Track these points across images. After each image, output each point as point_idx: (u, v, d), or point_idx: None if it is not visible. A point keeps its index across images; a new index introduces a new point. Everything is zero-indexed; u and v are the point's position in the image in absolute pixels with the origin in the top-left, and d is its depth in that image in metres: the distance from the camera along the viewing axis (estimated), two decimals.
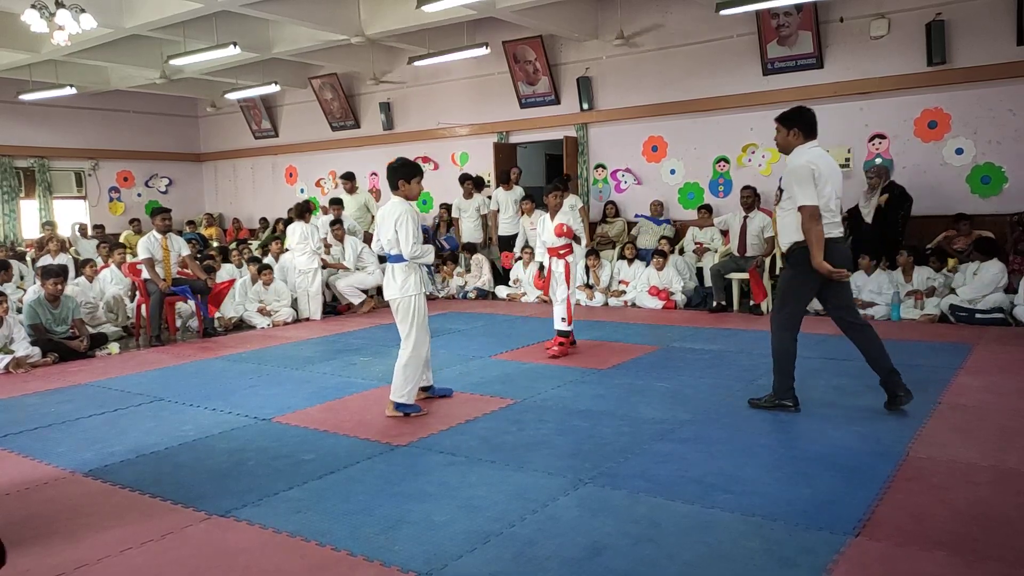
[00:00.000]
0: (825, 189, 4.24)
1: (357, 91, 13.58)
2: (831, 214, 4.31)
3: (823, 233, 4.25)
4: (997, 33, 8.29)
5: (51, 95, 12.07)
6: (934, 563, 2.70)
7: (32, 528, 3.24)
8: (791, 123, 4.38)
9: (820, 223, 4.22)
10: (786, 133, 4.40)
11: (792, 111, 4.43)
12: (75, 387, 5.90)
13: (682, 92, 10.23)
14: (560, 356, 6.38)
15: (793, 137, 4.37)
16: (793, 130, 4.37)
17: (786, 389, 4.56)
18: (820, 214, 4.22)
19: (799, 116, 4.38)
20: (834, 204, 4.33)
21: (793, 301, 4.50)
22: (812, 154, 4.31)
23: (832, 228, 4.34)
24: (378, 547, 2.93)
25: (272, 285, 8.97)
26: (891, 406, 4.45)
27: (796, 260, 4.38)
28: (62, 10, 7.39)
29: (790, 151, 4.41)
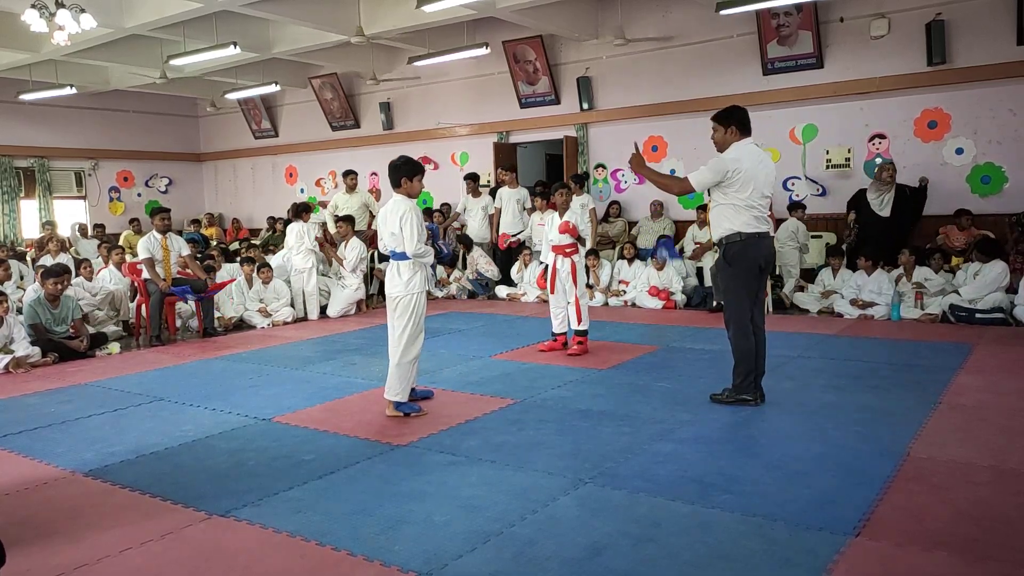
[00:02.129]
0: (747, 187, 4.45)
1: (357, 91, 13.59)
2: (755, 210, 4.51)
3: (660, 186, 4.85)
4: (997, 33, 8.29)
5: (51, 95, 12.07)
6: (934, 563, 2.70)
7: (32, 528, 3.23)
8: (727, 121, 4.58)
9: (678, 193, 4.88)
10: (723, 131, 4.60)
11: (726, 110, 4.63)
12: (75, 387, 5.89)
13: (682, 92, 10.24)
14: (580, 354, 6.41)
15: (730, 135, 4.57)
16: (730, 128, 4.57)
17: (747, 384, 4.66)
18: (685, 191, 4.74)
19: (733, 115, 4.59)
20: (759, 200, 4.52)
21: (737, 296, 4.65)
22: (742, 152, 4.51)
23: (758, 223, 4.54)
24: (378, 547, 2.93)
25: (271, 284, 8.97)
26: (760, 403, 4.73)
27: (731, 254, 4.58)
28: (62, 10, 7.39)
29: (725, 148, 4.60)
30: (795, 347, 6.49)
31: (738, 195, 4.48)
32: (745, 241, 4.53)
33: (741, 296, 4.64)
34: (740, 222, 4.52)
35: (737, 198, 4.49)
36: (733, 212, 4.53)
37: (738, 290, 4.64)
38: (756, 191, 4.48)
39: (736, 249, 4.56)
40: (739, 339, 4.64)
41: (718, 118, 4.65)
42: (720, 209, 4.61)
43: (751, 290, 4.64)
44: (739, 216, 4.51)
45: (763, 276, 4.69)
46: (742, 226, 4.52)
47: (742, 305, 4.63)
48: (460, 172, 12.49)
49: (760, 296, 4.73)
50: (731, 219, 4.54)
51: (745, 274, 4.59)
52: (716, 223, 4.67)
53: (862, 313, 7.83)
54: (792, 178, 9.65)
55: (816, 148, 9.45)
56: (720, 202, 4.59)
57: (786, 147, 9.66)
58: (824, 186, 9.45)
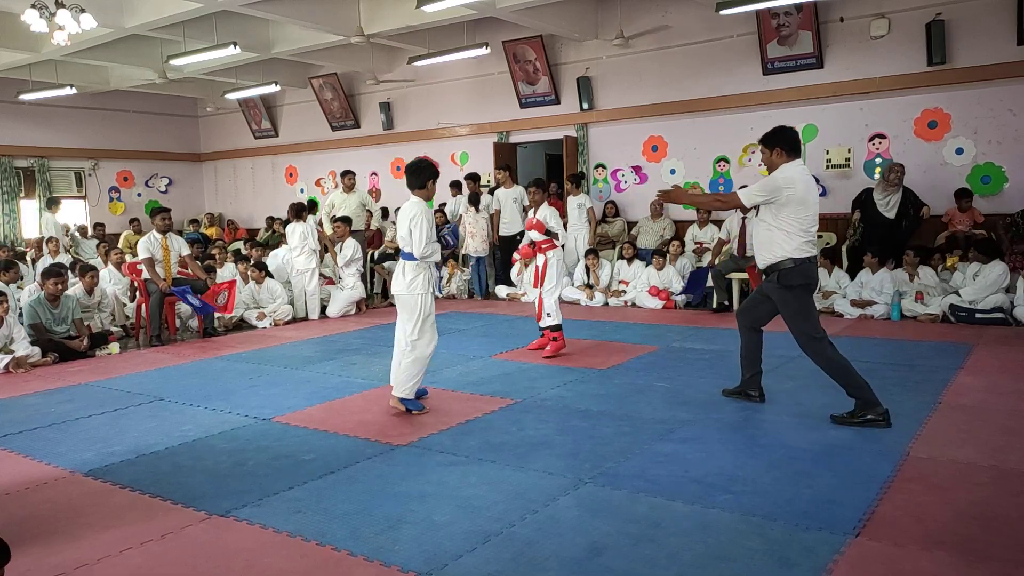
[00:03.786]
0: (801, 211, 4.28)
1: (357, 91, 13.59)
2: (807, 234, 4.34)
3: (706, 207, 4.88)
4: (997, 33, 8.29)
5: (51, 95, 12.08)
6: (934, 563, 2.70)
7: (32, 528, 3.23)
8: (772, 143, 4.42)
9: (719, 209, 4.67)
10: (769, 153, 4.43)
11: (771, 132, 4.46)
12: (75, 387, 5.89)
13: (682, 92, 10.23)
14: (555, 354, 6.34)
15: (776, 157, 4.40)
16: (776, 150, 4.40)
17: (868, 401, 4.29)
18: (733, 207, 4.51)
19: (780, 136, 4.41)
20: (812, 225, 4.36)
21: (804, 321, 4.39)
22: (795, 173, 4.32)
23: (810, 247, 4.37)
24: (378, 547, 2.93)
25: (264, 284, 8.96)
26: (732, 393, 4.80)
27: (789, 281, 4.35)
28: (62, 10, 7.39)
29: (774, 170, 4.42)
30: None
31: (791, 220, 4.28)
32: (803, 265, 4.33)
33: (806, 317, 4.39)
34: (792, 247, 4.31)
35: (789, 223, 4.29)
36: (784, 237, 4.32)
37: (806, 313, 4.40)
38: (810, 216, 4.31)
39: (794, 274, 4.33)
40: (825, 361, 4.36)
41: (763, 140, 4.49)
42: (771, 233, 4.38)
43: (812, 309, 4.43)
44: (790, 241, 4.31)
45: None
46: (794, 252, 4.31)
47: (809, 327, 4.37)
48: (460, 172, 12.49)
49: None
50: (782, 245, 4.33)
51: (806, 296, 4.40)
52: (765, 247, 4.44)
53: (862, 313, 7.83)
54: None
55: (816, 148, 9.44)
56: (771, 225, 4.37)
57: None
58: (824, 186, 9.44)
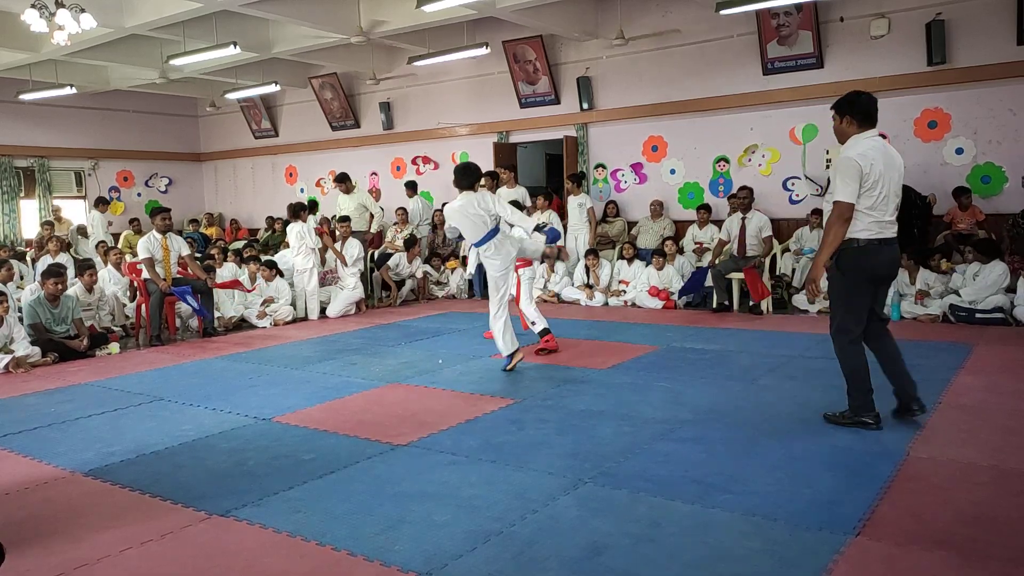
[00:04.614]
0: (877, 188, 3.95)
1: (357, 91, 13.59)
2: (880, 212, 4.01)
3: (841, 238, 4.05)
4: (997, 33, 8.29)
5: (51, 95, 12.07)
6: (935, 563, 2.70)
7: (32, 528, 3.23)
8: (844, 110, 4.10)
9: (846, 224, 4.01)
10: (839, 121, 4.12)
11: (846, 97, 4.13)
12: (75, 387, 5.89)
13: (682, 92, 10.24)
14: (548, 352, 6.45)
15: (847, 125, 4.09)
16: (846, 118, 4.08)
17: (865, 405, 4.19)
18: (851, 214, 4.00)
19: (852, 103, 4.08)
20: (888, 203, 4.02)
21: (845, 309, 4.17)
22: (866, 146, 4.00)
23: (884, 228, 4.05)
24: (378, 547, 2.93)
25: (273, 283, 8.98)
26: (901, 416, 4.28)
27: (845, 263, 4.10)
28: (62, 10, 7.39)
29: (845, 140, 4.12)
30: (795, 347, 6.49)
31: (861, 200, 3.97)
32: (862, 249, 4.04)
33: (848, 308, 4.16)
34: (857, 228, 4.02)
35: (859, 202, 3.98)
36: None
37: (846, 301, 4.16)
38: (883, 194, 3.98)
39: (851, 257, 4.06)
40: (845, 355, 4.18)
41: (836, 106, 4.15)
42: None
43: (862, 303, 4.15)
44: (857, 222, 4.01)
45: (884, 286, 4.27)
46: (859, 232, 4.02)
47: (848, 318, 4.15)
48: None
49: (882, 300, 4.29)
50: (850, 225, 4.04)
51: (857, 285, 4.11)
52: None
53: None
54: (792, 178, 9.66)
55: (816, 148, 9.45)
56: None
57: (786, 147, 9.66)
58: (824, 186, 9.44)
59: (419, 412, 4.84)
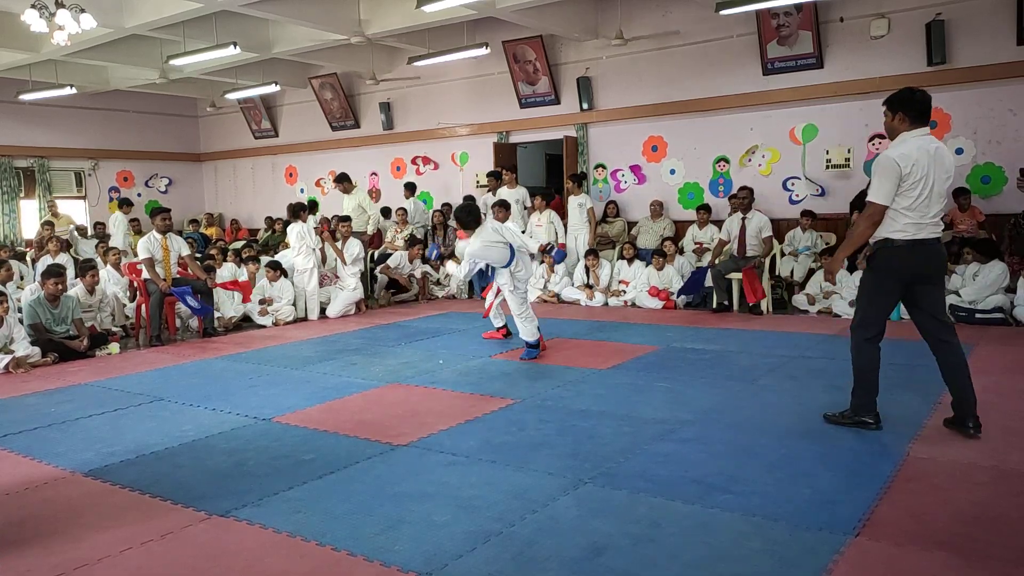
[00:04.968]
0: (917, 189, 3.85)
1: (357, 91, 13.59)
2: (919, 214, 3.90)
3: (866, 238, 4.03)
4: (997, 33, 8.29)
5: (51, 95, 12.07)
6: (934, 563, 2.70)
7: (32, 528, 3.23)
8: (897, 106, 3.99)
9: (874, 226, 3.98)
10: (891, 118, 4.02)
11: (900, 93, 4.02)
12: (75, 387, 5.89)
13: (682, 92, 10.24)
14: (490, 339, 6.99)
15: (898, 122, 3.99)
16: (898, 115, 3.98)
17: (867, 405, 4.17)
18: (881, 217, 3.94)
19: (905, 99, 3.97)
20: (931, 205, 3.90)
21: (867, 305, 4.12)
22: (912, 145, 3.90)
23: (921, 229, 3.93)
24: (378, 547, 2.93)
25: (277, 283, 8.99)
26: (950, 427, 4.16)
27: (876, 263, 4.04)
28: (62, 10, 7.39)
29: (894, 137, 4.03)
30: (795, 347, 6.50)
31: (898, 199, 3.88)
32: (896, 249, 3.94)
33: (870, 306, 4.11)
34: (893, 228, 3.94)
35: (896, 202, 3.90)
36: (891, 216, 3.94)
37: (870, 299, 4.11)
38: (924, 196, 3.86)
39: (883, 257, 3.99)
40: (859, 352, 4.14)
41: (888, 102, 4.04)
42: None
43: (886, 303, 4.10)
44: (892, 222, 3.93)
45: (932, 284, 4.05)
46: (893, 233, 3.94)
47: (869, 316, 4.09)
48: (460, 172, 12.51)
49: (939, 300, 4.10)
50: (884, 225, 3.96)
51: (884, 285, 4.04)
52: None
53: None
54: (792, 178, 9.66)
55: (816, 148, 9.45)
56: None
57: (786, 147, 9.66)
58: (824, 186, 9.45)
59: (419, 412, 4.85)
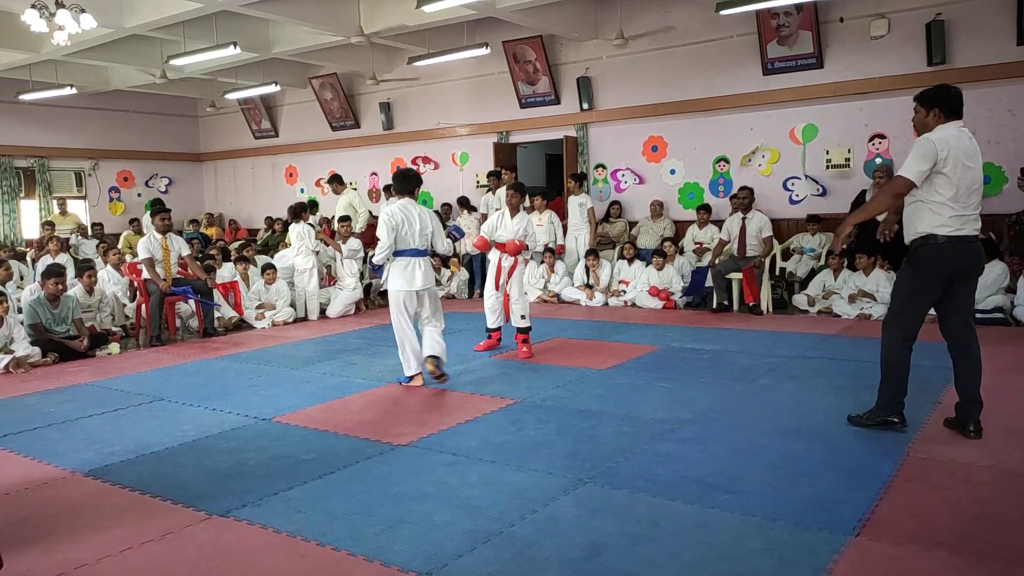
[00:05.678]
0: (956, 174, 3.78)
1: (357, 91, 13.59)
2: (961, 206, 3.81)
3: (884, 209, 4.02)
4: (997, 33, 8.29)
5: (51, 95, 12.07)
6: (934, 563, 2.70)
7: (32, 528, 3.23)
8: (931, 103, 3.93)
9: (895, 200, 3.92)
10: (925, 114, 3.96)
11: (933, 89, 3.97)
12: (75, 387, 5.89)
13: (682, 92, 10.23)
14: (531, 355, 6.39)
15: (933, 119, 3.93)
16: (933, 111, 3.92)
17: (894, 404, 4.10)
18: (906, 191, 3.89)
19: (940, 96, 3.92)
20: (965, 196, 3.82)
21: (905, 305, 4.04)
22: (949, 132, 3.85)
23: (966, 223, 3.85)
24: (378, 547, 2.93)
25: (274, 285, 8.98)
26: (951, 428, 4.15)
27: (920, 260, 3.94)
28: (62, 10, 7.39)
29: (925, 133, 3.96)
30: (795, 347, 6.49)
31: (942, 188, 3.79)
32: (941, 246, 3.84)
33: (908, 304, 4.01)
34: (937, 223, 3.83)
35: (940, 192, 3.80)
36: (930, 212, 3.84)
37: (909, 297, 4.01)
38: (963, 185, 3.79)
39: (927, 254, 3.89)
40: (889, 351, 4.05)
41: (921, 97, 3.97)
42: (915, 207, 3.92)
43: (925, 302, 4.00)
44: (936, 216, 3.83)
45: (968, 282, 4.02)
46: (938, 227, 3.83)
47: (906, 313, 4.00)
48: (460, 172, 12.50)
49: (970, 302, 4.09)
50: (927, 220, 3.85)
51: (927, 283, 3.94)
52: (909, 224, 3.99)
53: (860, 313, 7.82)
54: (792, 178, 9.66)
55: (816, 148, 9.44)
56: (917, 197, 3.90)
57: (786, 147, 9.66)
58: (824, 186, 9.45)
59: (419, 412, 4.85)
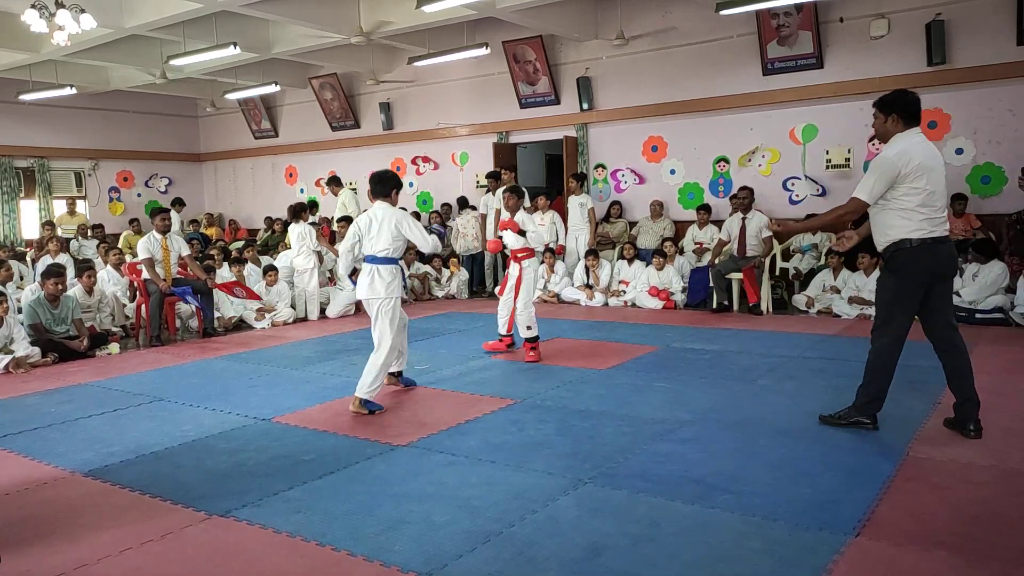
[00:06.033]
0: (921, 182, 3.83)
1: (357, 91, 13.59)
2: (930, 209, 3.87)
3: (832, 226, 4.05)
4: (997, 33, 8.29)
5: (51, 95, 12.07)
6: (934, 563, 2.70)
7: (32, 528, 3.23)
8: (890, 109, 3.97)
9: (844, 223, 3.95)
10: (884, 120, 4.00)
11: (891, 94, 4.01)
12: (75, 387, 5.89)
13: (682, 92, 10.23)
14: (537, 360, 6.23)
15: (892, 124, 3.97)
16: (892, 116, 3.96)
17: (869, 407, 4.13)
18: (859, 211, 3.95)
19: (898, 101, 3.95)
20: (933, 199, 3.87)
21: (891, 309, 4.04)
22: (907, 142, 3.90)
23: (936, 226, 3.89)
24: (378, 547, 2.93)
25: (275, 286, 8.99)
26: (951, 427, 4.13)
27: (897, 265, 3.97)
28: (62, 10, 7.39)
29: (888, 139, 4.01)
30: (795, 347, 6.49)
31: (908, 197, 3.84)
32: (916, 249, 3.88)
33: (892, 309, 4.02)
34: (909, 228, 3.87)
35: (906, 198, 3.85)
36: (900, 218, 3.88)
37: (892, 303, 4.02)
38: (929, 190, 3.84)
39: (905, 258, 3.91)
40: (876, 355, 4.07)
41: (879, 104, 4.01)
42: (884, 215, 3.95)
43: (909, 305, 4.00)
44: (908, 221, 3.87)
45: (945, 284, 4.05)
46: (912, 232, 3.87)
47: (892, 322, 4.02)
48: (460, 172, 12.51)
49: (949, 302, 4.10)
50: (898, 226, 3.90)
51: (907, 287, 3.96)
52: (880, 230, 4.01)
53: (860, 313, 7.82)
54: (792, 178, 9.66)
55: (816, 148, 9.45)
56: (885, 206, 3.94)
57: (786, 147, 9.66)
58: (824, 186, 9.45)
59: (419, 412, 4.85)
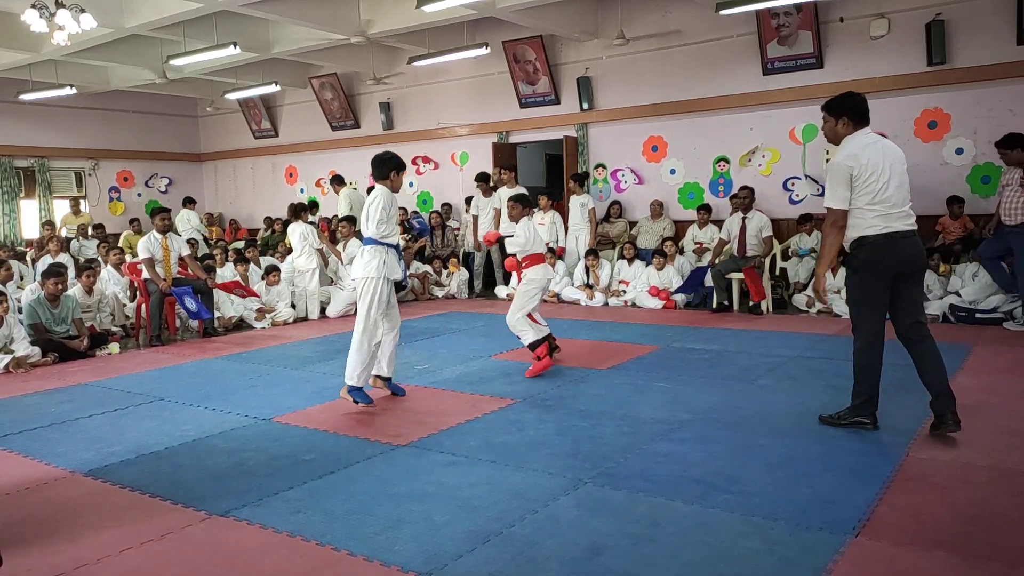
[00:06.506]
0: (871, 181, 3.87)
1: (357, 91, 13.59)
2: (883, 206, 3.90)
3: (838, 245, 4.06)
4: (997, 33, 8.29)
5: (51, 95, 12.07)
6: (934, 563, 2.70)
7: (32, 528, 3.23)
8: (838, 111, 4.03)
9: (841, 231, 3.99)
10: (834, 123, 4.05)
11: (837, 98, 4.07)
12: (75, 387, 5.89)
13: (682, 92, 10.23)
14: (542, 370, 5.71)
15: (842, 127, 4.03)
16: (842, 119, 4.02)
17: (866, 406, 4.15)
18: (844, 221, 3.98)
19: (846, 103, 4.02)
20: (891, 194, 3.90)
21: (860, 308, 4.09)
22: (857, 144, 3.96)
23: (892, 221, 3.92)
24: (378, 547, 2.93)
25: (275, 287, 8.99)
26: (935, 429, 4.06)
27: (857, 262, 4.02)
28: (62, 10, 7.39)
29: (838, 142, 4.08)
30: (795, 347, 6.49)
31: (859, 197, 3.91)
32: (873, 244, 3.93)
33: (863, 307, 4.06)
34: (863, 226, 3.94)
35: (858, 200, 3.92)
36: (854, 217, 3.97)
37: (861, 301, 4.06)
38: (882, 184, 3.88)
39: (863, 256, 3.98)
40: (861, 355, 4.10)
41: (827, 107, 4.08)
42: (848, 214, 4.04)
43: (878, 301, 4.02)
44: (861, 220, 3.95)
45: (911, 281, 4.06)
46: (866, 229, 3.94)
47: (864, 317, 4.06)
48: (460, 172, 12.51)
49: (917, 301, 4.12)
50: (854, 225, 3.98)
51: (873, 282, 3.99)
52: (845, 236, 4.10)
53: None
54: (792, 178, 9.66)
55: (816, 148, 9.44)
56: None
57: (786, 147, 9.66)
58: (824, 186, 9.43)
59: (419, 412, 4.85)
